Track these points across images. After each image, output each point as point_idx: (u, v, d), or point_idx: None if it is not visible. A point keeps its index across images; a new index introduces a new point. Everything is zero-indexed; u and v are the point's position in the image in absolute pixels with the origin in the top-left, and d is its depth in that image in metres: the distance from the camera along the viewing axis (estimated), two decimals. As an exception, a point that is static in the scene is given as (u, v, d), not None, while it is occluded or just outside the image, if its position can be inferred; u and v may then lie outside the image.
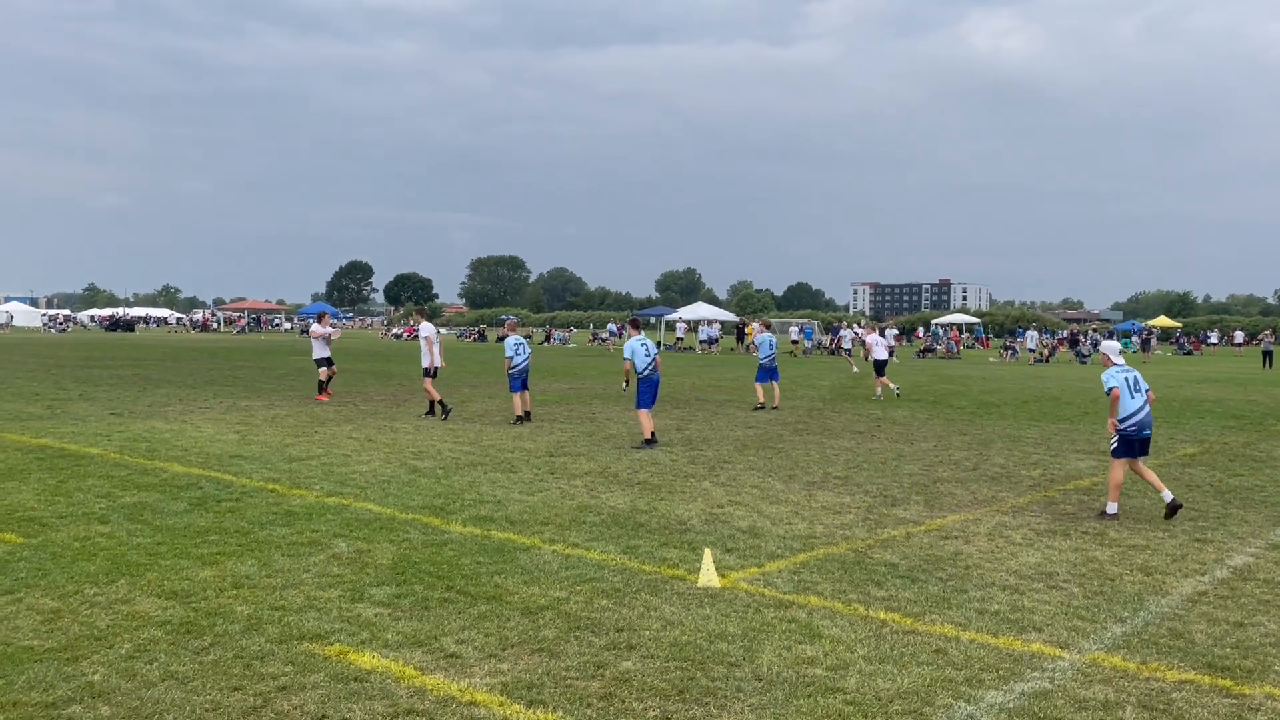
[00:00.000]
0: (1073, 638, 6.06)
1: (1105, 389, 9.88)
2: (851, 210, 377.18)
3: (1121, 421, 9.72)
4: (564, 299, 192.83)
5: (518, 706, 4.90)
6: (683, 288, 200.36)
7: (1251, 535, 9.01)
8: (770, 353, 20.68)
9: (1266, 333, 51.76)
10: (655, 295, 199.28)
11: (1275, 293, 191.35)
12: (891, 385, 23.91)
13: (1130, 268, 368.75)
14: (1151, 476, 9.82)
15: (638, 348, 14.50)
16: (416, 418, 17.41)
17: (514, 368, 17.33)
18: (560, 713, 4.84)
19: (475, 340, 79.89)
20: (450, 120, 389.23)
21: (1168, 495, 9.64)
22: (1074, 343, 54.93)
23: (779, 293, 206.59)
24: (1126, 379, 9.87)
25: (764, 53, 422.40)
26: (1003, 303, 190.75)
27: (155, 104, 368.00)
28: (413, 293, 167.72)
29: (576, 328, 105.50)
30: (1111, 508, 9.73)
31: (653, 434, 14.30)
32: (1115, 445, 9.77)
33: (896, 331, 63.65)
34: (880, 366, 24.12)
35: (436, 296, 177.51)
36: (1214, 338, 75.19)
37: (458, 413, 18.34)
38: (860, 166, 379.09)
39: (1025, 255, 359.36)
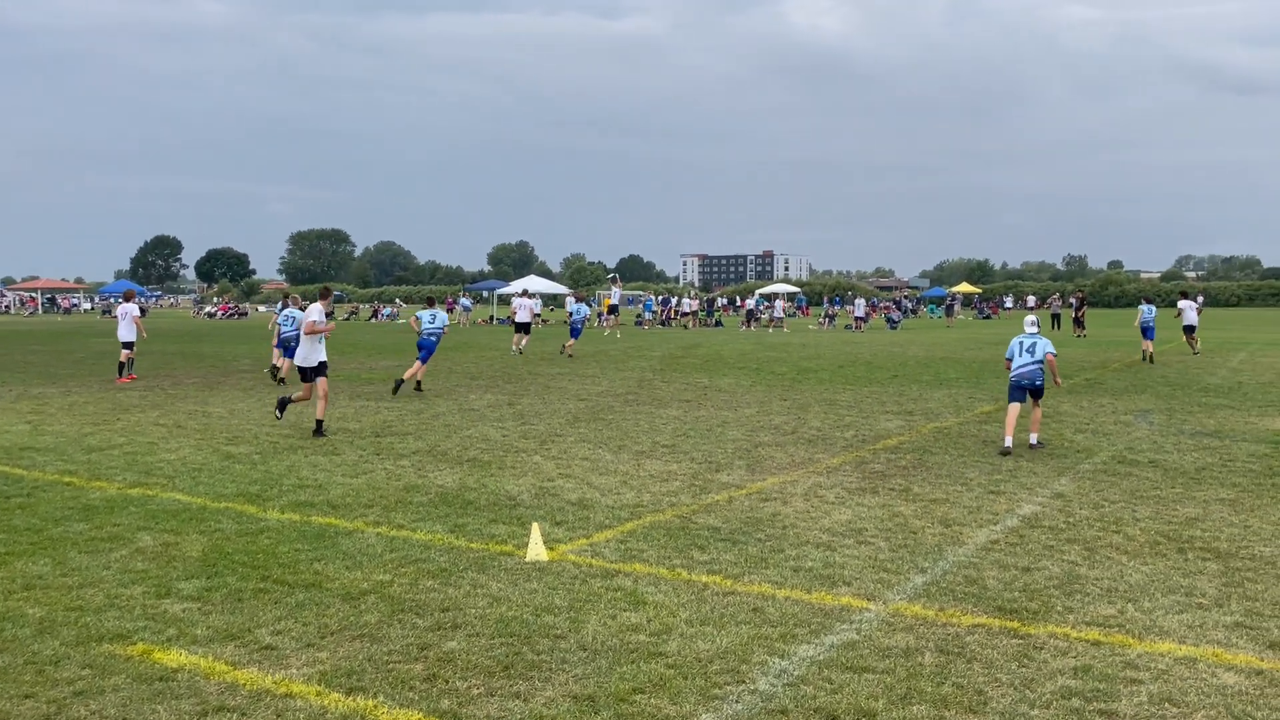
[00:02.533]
0: (879, 589, 6.42)
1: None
2: (681, 183, 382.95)
3: (1012, 374, 12.16)
4: (392, 273, 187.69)
5: (336, 695, 4.79)
6: (515, 261, 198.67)
7: (1039, 485, 9.77)
8: (579, 318, 27.36)
9: (1055, 296, 55.97)
10: (488, 269, 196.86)
11: (1064, 259, 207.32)
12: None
13: (936, 237, 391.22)
14: (1012, 420, 11.89)
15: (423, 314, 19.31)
16: (237, 401, 16.61)
17: (284, 335, 19.91)
18: (381, 698, 4.76)
19: (297, 318, 76.75)
20: (267, 86, 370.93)
21: (1033, 438, 11.94)
22: (898, 308, 58.32)
23: (612, 265, 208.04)
24: (1021, 343, 12.22)
25: (593, 24, 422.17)
26: (822, 272, 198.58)
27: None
28: (227, 268, 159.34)
29: (406, 303, 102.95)
30: (1006, 441, 11.70)
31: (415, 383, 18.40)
32: (1009, 390, 12.28)
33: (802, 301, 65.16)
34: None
35: (254, 272, 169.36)
36: (1009, 302, 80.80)
37: (276, 394, 17.59)
38: (688, 140, 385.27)
39: (843, 226, 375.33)
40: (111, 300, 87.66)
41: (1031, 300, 76.10)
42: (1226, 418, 14.54)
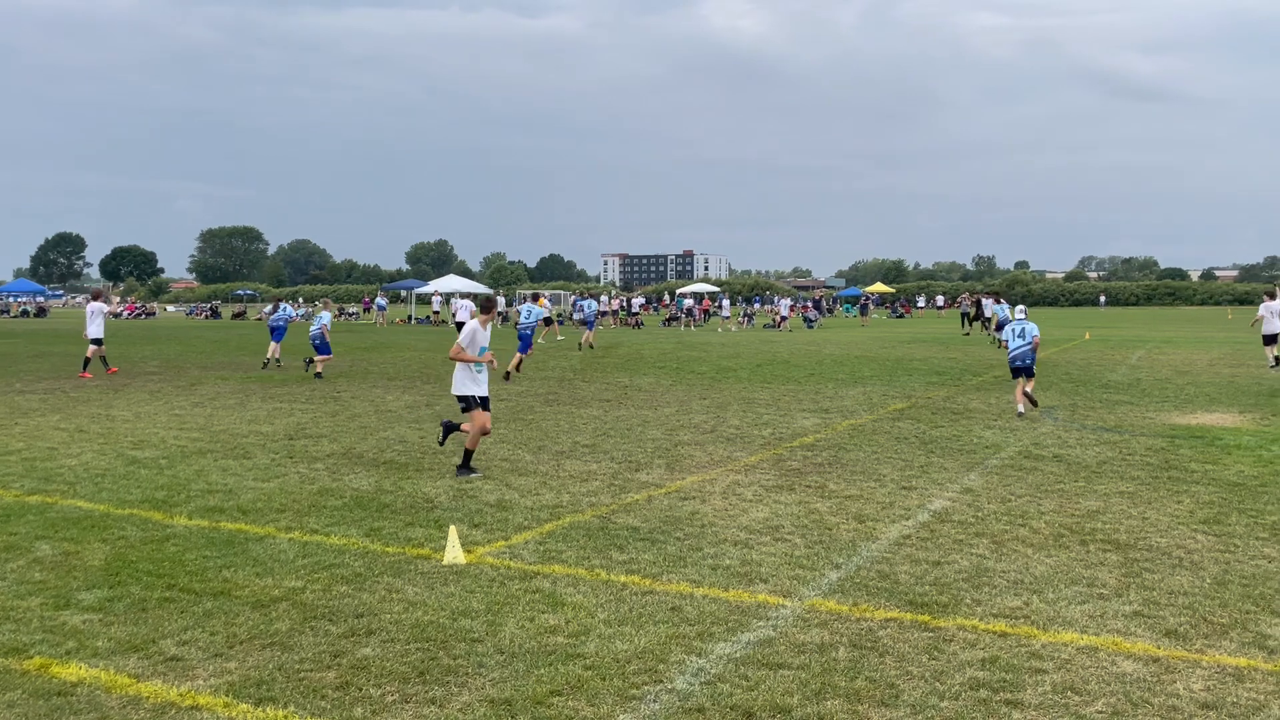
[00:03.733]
0: (794, 586, 6.51)
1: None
2: (601, 183, 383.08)
3: (1009, 355, 15.21)
4: (307, 272, 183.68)
5: (245, 706, 4.67)
6: (434, 260, 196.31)
7: (949, 481, 10.02)
8: (526, 321, 23.10)
9: (965, 296, 57.49)
10: (406, 268, 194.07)
11: (974, 259, 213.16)
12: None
13: (852, 238, 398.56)
14: (1021, 392, 14.89)
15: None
16: (141, 403, 16.07)
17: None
18: (292, 708, 4.65)
19: (208, 317, 74.69)
20: (174, 80, 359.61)
21: (1020, 408, 14.75)
22: (816, 308, 59.12)
23: (532, 264, 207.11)
24: (1014, 328, 15.25)
25: (511, 22, 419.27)
26: (741, 272, 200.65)
27: None
28: (134, 267, 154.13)
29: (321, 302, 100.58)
30: (1019, 408, 14.79)
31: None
32: (1010, 368, 15.35)
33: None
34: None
35: (162, 271, 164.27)
36: (922, 302, 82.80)
37: (185, 397, 17.11)
38: (609, 139, 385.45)
39: (761, 227, 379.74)
40: (9, 299, 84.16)
41: (941, 300, 78.25)
42: (1126, 413, 15.11)
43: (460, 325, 28.72)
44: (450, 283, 62.39)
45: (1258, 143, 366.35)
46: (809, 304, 64.67)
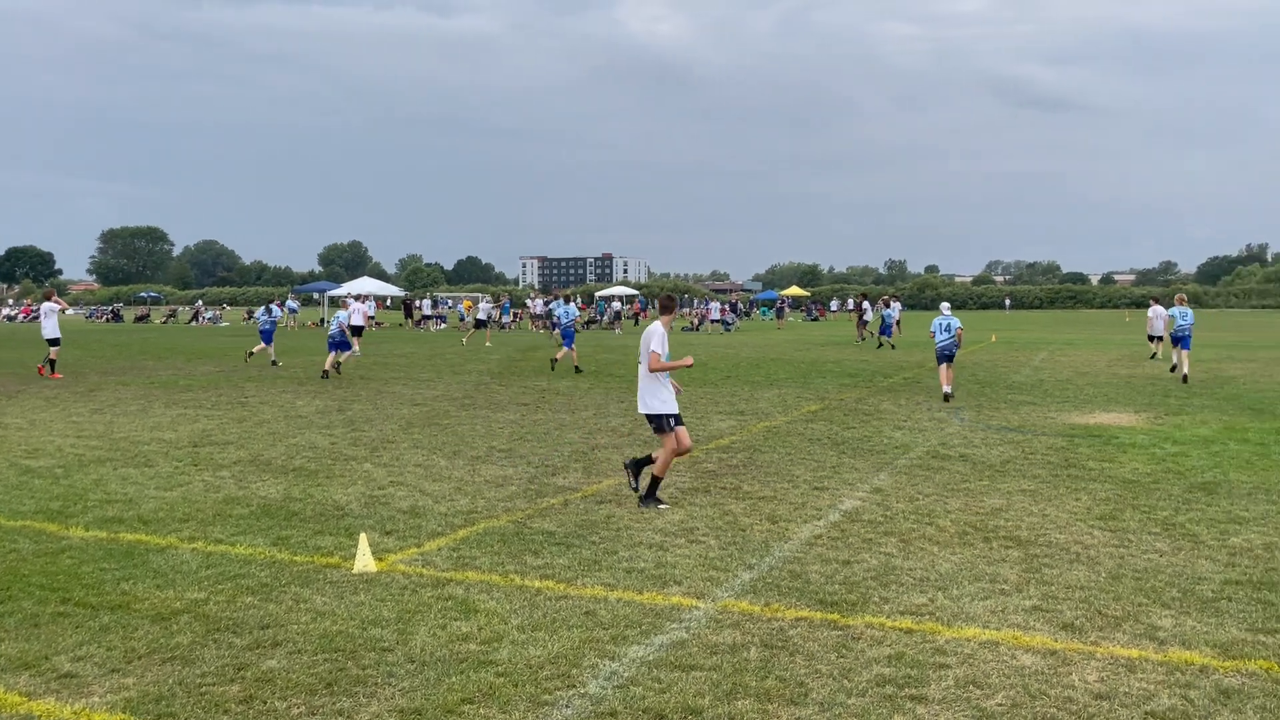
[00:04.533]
0: (708, 588, 6.56)
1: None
2: (520, 185, 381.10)
3: (936, 345, 17.78)
4: (215, 274, 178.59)
5: (143, 723, 4.51)
6: (348, 262, 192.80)
7: (860, 481, 10.22)
8: (567, 320, 25.12)
9: (883, 299, 58.73)
10: (319, 269, 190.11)
11: (885, 263, 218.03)
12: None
13: (769, 242, 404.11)
14: (946, 375, 17.42)
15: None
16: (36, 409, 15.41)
17: None
18: (193, 723, 4.52)
19: (109, 320, 72.12)
20: (73, 75, 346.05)
21: (946, 388, 17.17)
22: (734, 311, 59.80)
23: (449, 267, 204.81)
24: (940, 323, 17.82)
25: (425, 21, 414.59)
26: (660, 275, 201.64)
27: None
28: (30, 268, 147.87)
29: (230, 304, 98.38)
30: (945, 389, 17.26)
31: None
32: (936, 357, 17.91)
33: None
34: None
35: (60, 272, 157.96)
36: (835, 305, 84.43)
37: (83, 403, 16.48)
38: (528, 141, 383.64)
39: (680, 230, 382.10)
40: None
41: (835, 304, 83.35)
42: (1029, 414, 15.61)
43: (358, 330, 28.00)
44: (364, 285, 61.37)
45: (1154, 151, 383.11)
46: (725, 306, 65.35)
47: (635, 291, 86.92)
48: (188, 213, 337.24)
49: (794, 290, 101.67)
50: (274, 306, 28.15)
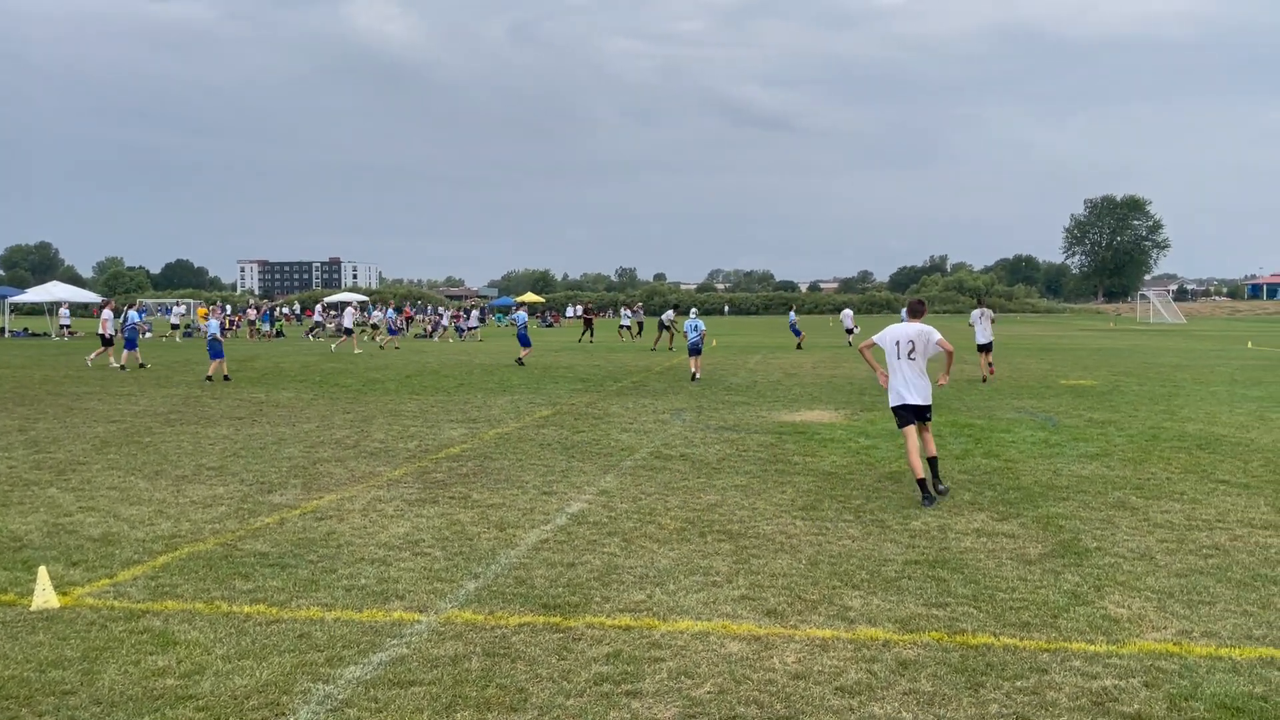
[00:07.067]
0: (431, 600, 6.46)
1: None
2: (236, 184, 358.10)
3: (688, 342, 23.56)
4: None
5: None
6: (34, 264, 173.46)
7: (587, 484, 10.43)
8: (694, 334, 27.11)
9: (588, 303, 60.40)
10: (1, 274, 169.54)
11: (617, 271, 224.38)
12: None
13: (504, 248, 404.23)
14: (694, 365, 22.93)
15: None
16: None
17: None
18: None
19: None
20: None
21: (696, 374, 22.35)
22: (481, 318, 59.34)
23: (156, 270, 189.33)
24: (690, 324, 23.60)
25: (132, 6, 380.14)
26: (393, 280, 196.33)
27: None
28: None
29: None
30: (695, 374, 22.78)
31: None
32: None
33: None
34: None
35: None
36: (570, 311, 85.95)
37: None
38: (245, 138, 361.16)
39: (413, 235, 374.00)
40: None
41: (570, 311, 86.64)
42: (744, 413, 16.58)
43: (349, 331, 26.51)
44: (54, 290, 55.45)
45: (855, 171, 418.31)
46: (460, 313, 64.72)
47: (365, 298, 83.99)
48: None
49: (529, 296, 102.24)
50: (211, 318, 24.79)
